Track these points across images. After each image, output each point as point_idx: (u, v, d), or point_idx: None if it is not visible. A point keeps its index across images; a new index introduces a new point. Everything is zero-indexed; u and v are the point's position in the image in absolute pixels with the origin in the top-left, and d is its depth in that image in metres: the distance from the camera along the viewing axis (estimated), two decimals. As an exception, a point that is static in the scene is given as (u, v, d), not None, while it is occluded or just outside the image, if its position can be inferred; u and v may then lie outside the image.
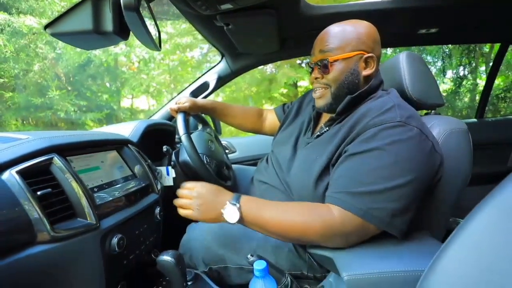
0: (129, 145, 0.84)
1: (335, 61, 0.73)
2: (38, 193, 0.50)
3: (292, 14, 0.94)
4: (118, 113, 3.90)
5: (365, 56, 0.73)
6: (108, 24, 0.64)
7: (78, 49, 3.33)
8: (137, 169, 0.83)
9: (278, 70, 3.25)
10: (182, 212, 0.69)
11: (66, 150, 0.60)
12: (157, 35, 0.76)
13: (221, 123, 1.24)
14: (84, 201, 0.56)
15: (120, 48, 3.65)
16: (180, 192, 0.71)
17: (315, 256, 0.72)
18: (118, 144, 0.80)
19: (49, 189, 0.52)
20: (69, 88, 3.41)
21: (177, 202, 0.70)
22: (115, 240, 0.60)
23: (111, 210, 0.63)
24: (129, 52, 3.75)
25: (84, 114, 3.40)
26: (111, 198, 0.64)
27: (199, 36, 1.09)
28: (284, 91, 3.67)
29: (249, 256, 0.75)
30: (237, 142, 1.56)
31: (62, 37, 0.66)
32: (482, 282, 0.36)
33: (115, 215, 0.64)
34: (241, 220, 0.65)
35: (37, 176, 0.52)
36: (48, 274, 0.50)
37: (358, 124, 0.68)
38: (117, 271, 0.63)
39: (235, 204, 0.65)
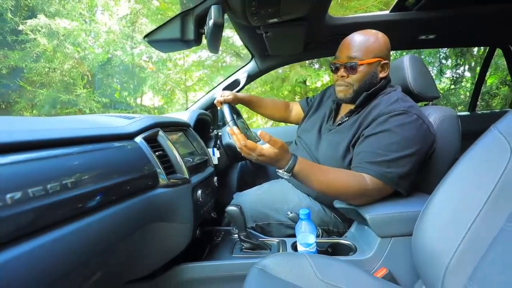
0: (190, 128, 1.06)
1: (362, 64, 0.90)
2: (156, 153, 0.72)
3: (318, 24, 1.17)
4: (136, 110, 4.12)
5: (382, 62, 0.92)
6: (190, 33, 0.87)
7: (101, 50, 3.56)
8: (197, 146, 1.05)
9: (290, 69, 3.51)
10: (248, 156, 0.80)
11: (161, 127, 0.82)
12: (219, 41, 0.98)
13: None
14: (180, 162, 0.78)
15: (139, 49, 3.89)
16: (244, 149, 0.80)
17: (341, 209, 0.94)
18: (184, 127, 1.02)
19: (161, 151, 0.74)
20: (91, 87, 3.63)
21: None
22: (199, 192, 0.82)
23: (193, 171, 0.85)
24: (148, 53, 3.98)
25: (108, 111, 3.61)
26: (192, 164, 0.86)
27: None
28: (295, 89, 3.93)
29: (288, 212, 0.98)
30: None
31: (154, 43, 0.89)
32: (457, 210, 0.58)
33: (196, 176, 0.86)
34: (296, 167, 0.78)
35: (151, 142, 0.74)
36: (164, 211, 0.71)
37: (372, 114, 0.89)
38: (198, 217, 0.85)
39: (293, 156, 0.80)
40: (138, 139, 0.70)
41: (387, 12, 1.23)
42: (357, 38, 0.91)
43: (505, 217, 0.50)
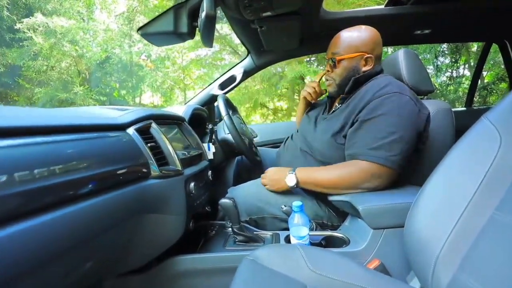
0: (185, 122, 1.06)
1: (341, 60, 0.95)
2: (148, 145, 0.72)
3: (312, 18, 1.17)
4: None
5: (365, 56, 0.95)
6: (184, 26, 0.87)
7: (99, 49, 3.56)
8: (191, 140, 1.05)
9: (287, 66, 3.54)
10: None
11: (155, 119, 0.82)
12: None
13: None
14: (173, 154, 0.78)
15: (137, 47, 3.89)
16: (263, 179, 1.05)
17: (335, 202, 0.94)
18: (179, 120, 1.02)
19: (154, 143, 0.74)
20: (88, 85, 3.63)
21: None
22: (192, 185, 0.82)
23: (186, 164, 0.85)
24: (147, 51, 3.98)
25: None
26: (185, 156, 0.86)
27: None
28: (294, 87, 3.95)
29: (282, 206, 0.98)
30: (257, 128, 1.78)
31: (148, 37, 0.89)
32: (448, 199, 0.58)
33: (189, 169, 0.86)
34: (298, 183, 0.94)
35: (143, 134, 0.74)
36: (156, 202, 0.71)
37: (364, 98, 0.90)
38: (191, 209, 0.85)
39: (292, 173, 0.94)
40: (131, 130, 0.70)
41: (382, 6, 1.23)
42: (342, 35, 0.97)
43: (494, 206, 0.51)
